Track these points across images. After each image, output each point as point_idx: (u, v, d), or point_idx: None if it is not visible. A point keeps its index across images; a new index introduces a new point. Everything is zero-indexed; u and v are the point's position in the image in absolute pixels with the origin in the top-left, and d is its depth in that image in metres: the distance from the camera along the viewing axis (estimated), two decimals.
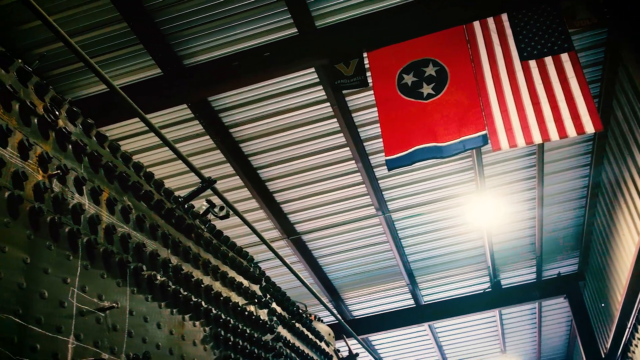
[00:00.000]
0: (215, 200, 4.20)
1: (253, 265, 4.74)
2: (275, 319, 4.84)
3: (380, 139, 8.30)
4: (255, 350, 4.07)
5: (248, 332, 4.05)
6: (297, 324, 5.50)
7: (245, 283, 4.40)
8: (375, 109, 8.73)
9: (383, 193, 11.71)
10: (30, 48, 8.18)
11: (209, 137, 9.85)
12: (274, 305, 4.95)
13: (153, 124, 3.61)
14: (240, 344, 3.87)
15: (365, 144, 10.52)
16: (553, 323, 18.00)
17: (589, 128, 7.21)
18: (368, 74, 8.05)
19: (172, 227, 3.51)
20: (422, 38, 7.88)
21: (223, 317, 3.73)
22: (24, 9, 7.47)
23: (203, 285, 3.62)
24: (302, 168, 10.92)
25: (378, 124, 8.42)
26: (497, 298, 15.10)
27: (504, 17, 7.65)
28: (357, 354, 7.57)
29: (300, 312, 5.81)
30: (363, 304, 15.67)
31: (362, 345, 8.27)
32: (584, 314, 14.84)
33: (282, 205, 11.78)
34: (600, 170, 11.41)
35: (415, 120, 7.70)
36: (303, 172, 11.01)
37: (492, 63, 7.60)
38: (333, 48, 8.18)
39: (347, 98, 9.62)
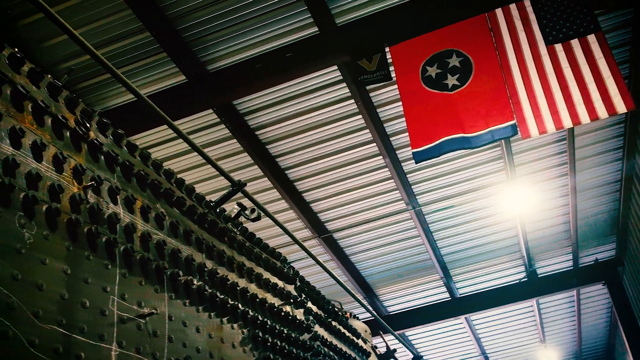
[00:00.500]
0: (246, 203, 4.22)
1: (286, 266, 4.76)
2: (312, 318, 4.85)
3: (407, 133, 8.25)
4: (294, 350, 4.09)
5: (285, 332, 4.07)
6: (333, 322, 5.50)
7: (280, 284, 4.42)
8: (400, 104, 8.70)
9: (412, 187, 11.64)
10: (56, 63, 8.34)
11: (236, 140, 9.92)
12: (310, 305, 4.96)
13: (181, 131, 3.64)
14: (279, 345, 3.89)
15: (392, 139, 10.48)
16: (592, 310, 17.66)
17: (621, 108, 7.06)
18: (391, 69, 8.02)
19: (205, 231, 3.54)
20: (444, 29, 7.80)
21: (260, 318, 3.76)
22: (46, 26, 7.66)
23: (239, 288, 3.65)
24: (329, 166, 10.92)
25: (403, 118, 8.38)
26: (533, 287, 14.90)
27: (527, 2, 7.52)
28: (394, 350, 7.54)
29: (336, 310, 5.81)
30: (398, 300, 15.62)
31: (399, 341, 8.23)
32: (624, 300, 14.54)
33: (311, 205, 11.80)
34: (634, 152, 11.16)
35: (442, 112, 7.64)
36: (331, 170, 11.01)
37: (516, 50, 7.49)
38: (354, 44, 8.16)
39: (371, 94, 9.59)
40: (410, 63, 7.83)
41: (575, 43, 7.29)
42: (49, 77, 2.64)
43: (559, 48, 7.36)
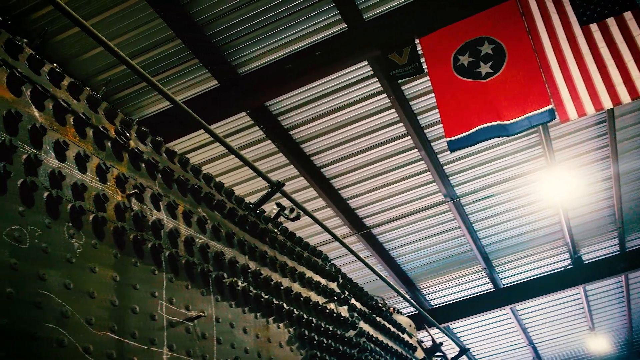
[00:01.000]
0: (284, 203, 4.24)
1: (328, 264, 4.76)
2: (356, 315, 4.85)
3: (441, 125, 8.17)
4: (340, 347, 4.09)
5: (331, 330, 4.08)
6: (377, 318, 5.49)
7: (323, 282, 4.43)
8: (433, 95, 8.60)
9: (449, 178, 11.52)
10: (90, 76, 8.52)
11: (270, 141, 9.98)
12: (353, 301, 4.96)
13: (218, 135, 3.68)
14: (325, 342, 3.89)
15: (426, 131, 10.38)
16: None
17: None
18: (422, 60, 7.95)
19: (246, 233, 3.57)
20: (474, 17, 7.69)
21: (305, 317, 3.77)
22: (79, 41, 7.85)
23: (282, 288, 3.67)
24: (365, 162, 10.89)
25: (437, 110, 8.30)
26: (579, 274, 14.59)
27: None
28: (440, 343, 7.48)
29: (379, 305, 5.79)
30: (440, 293, 15.49)
31: (444, 334, 8.16)
32: None
33: (349, 201, 11.79)
34: None
35: (476, 100, 7.54)
36: (366, 165, 10.98)
37: (550, 33, 7.33)
38: (384, 38, 8.11)
39: (403, 87, 9.52)
40: (441, 53, 7.75)
41: (612, 22, 7.10)
42: (88, 89, 2.70)
43: (595, 28, 7.18)
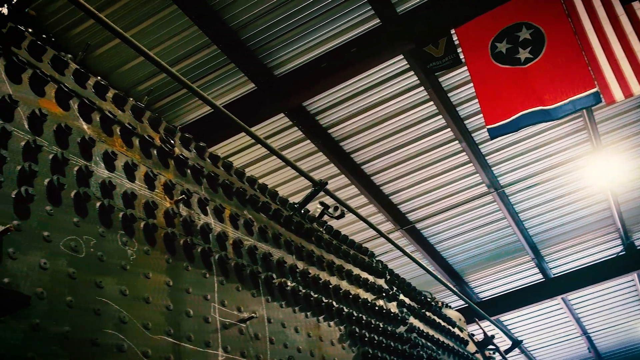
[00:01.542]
0: (327, 201, 4.25)
1: (374, 260, 4.75)
2: (406, 310, 4.82)
3: (481, 115, 8.04)
4: (392, 344, 4.07)
5: (381, 326, 4.06)
6: (427, 313, 5.44)
7: (371, 278, 4.42)
8: (471, 85, 8.48)
9: (492, 169, 11.33)
10: (131, 87, 8.72)
11: (310, 141, 10.01)
12: (402, 297, 4.93)
13: (259, 137, 3.71)
14: (376, 339, 3.88)
15: (466, 122, 10.24)
16: None
17: None
18: (459, 50, 7.84)
19: (292, 233, 3.59)
20: (509, 3, 7.54)
21: (355, 314, 3.77)
22: (117, 53, 8.03)
23: (331, 286, 3.68)
24: (405, 157, 10.81)
25: (476, 100, 8.17)
26: (633, 260, 14.15)
27: None
28: (492, 336, 7.37)
29: (428, 300, 5.75)
30: (489, 285, 15.26)
31: (495, 326, 8.03)
32: None
33: (390, 197, 11.73)
34: None
35: (516, 87, 7.39)
36: (407, 160, 10.90)
37: (591, 14, 7.12)
38: (418, 31, 8.03)
39: (440, 79, 9.41)
40: (478, 42, 7.63)
41: None
42: (132, 100, 2.76)
43: (637, 6, 6.95)
